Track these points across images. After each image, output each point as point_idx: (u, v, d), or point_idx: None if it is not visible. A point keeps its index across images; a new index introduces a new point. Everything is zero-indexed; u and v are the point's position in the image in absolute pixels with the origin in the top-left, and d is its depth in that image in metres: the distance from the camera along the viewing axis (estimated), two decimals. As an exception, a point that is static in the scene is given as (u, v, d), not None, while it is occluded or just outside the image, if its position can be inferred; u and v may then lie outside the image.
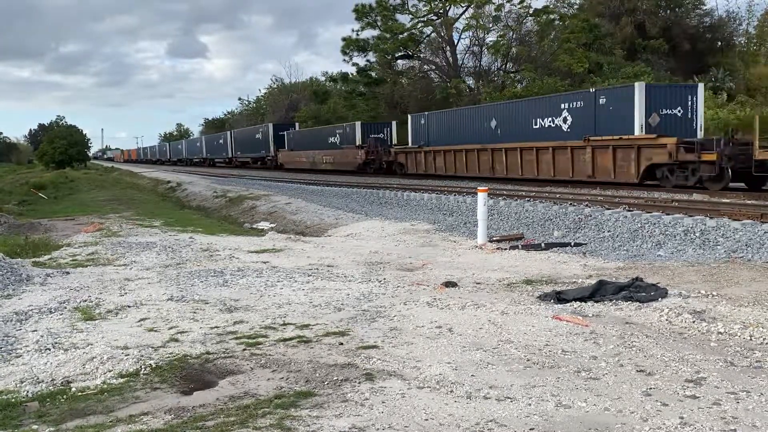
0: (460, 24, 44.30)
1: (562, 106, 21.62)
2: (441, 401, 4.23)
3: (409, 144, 31.57)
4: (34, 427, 4.04)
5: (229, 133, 61.07)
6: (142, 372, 4.93)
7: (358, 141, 35.13)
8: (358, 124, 36.39)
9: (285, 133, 47.26)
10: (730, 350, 5.15)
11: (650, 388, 4.36)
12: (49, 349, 5.58)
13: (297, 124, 50.56)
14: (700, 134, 19.08)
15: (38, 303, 7.28)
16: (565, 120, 21.44)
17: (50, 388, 4.70)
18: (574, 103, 21.22)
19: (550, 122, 22.18)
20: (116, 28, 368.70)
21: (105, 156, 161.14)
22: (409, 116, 32.56)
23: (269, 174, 41.62)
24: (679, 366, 4.79)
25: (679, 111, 19.10)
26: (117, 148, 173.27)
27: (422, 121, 30.73)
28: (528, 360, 5.01)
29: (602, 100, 20.00)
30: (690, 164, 17.20)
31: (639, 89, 18.91)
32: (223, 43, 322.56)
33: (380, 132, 35.54)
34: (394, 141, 34.73)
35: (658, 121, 18.87)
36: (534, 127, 23.05)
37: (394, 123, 36.34)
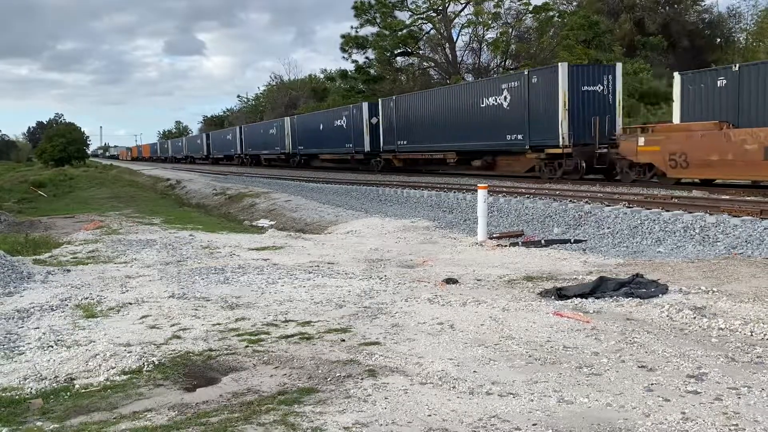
0: (459, 20, 44.35)
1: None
2: (443, 397, 4.25)
3: None
4: (38, 423, 4.05)
5: (352, 109, 32.63)
6: (144, 369, 4.94)
7: None
8: None
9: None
10: (731, 346, 5.16)
11: (652, 384, 4.38)
12: (52, 347, 5.59)
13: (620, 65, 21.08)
14: None
15: (40, 300, 7.29)
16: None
17: (53, 385, 4.71)
18: None
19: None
20: (114, 25, 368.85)
21: (107, 154, 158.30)
22: None
23: (267, 171, 41.47)
24: (681, 362, 4.80)
25: None
26: (115, 146, 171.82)
27: None
28: (530, 356, 5.03)
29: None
30: None
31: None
32: (221, 40, 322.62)
33: None
34: None
35: None
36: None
37: None
